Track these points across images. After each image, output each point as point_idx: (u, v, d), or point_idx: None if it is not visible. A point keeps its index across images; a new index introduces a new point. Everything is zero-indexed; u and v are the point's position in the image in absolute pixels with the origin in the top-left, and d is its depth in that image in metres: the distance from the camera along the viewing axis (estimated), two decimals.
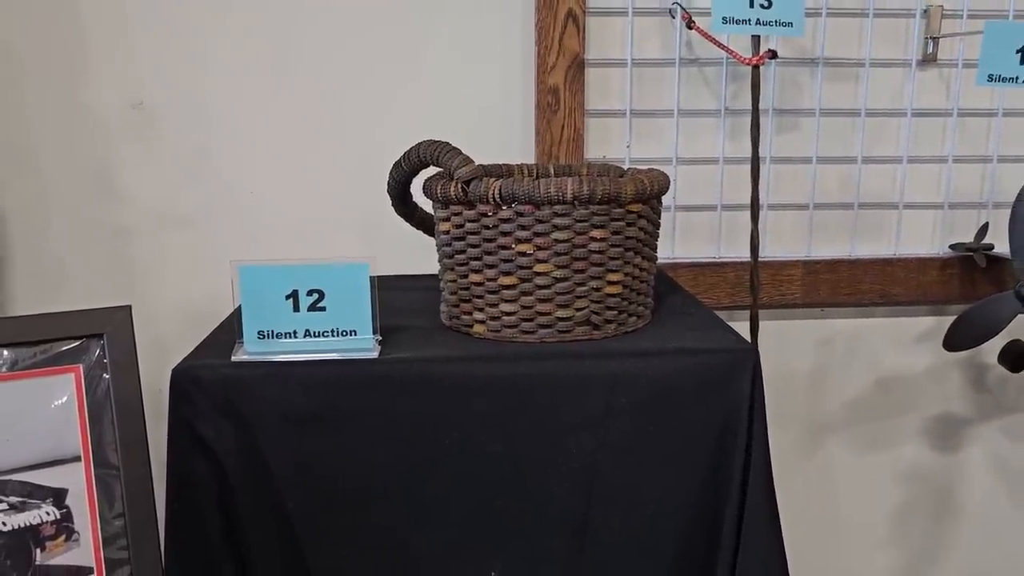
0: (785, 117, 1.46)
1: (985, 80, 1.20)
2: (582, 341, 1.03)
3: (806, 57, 1.44)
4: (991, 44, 1.19)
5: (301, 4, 1.36)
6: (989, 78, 1.20)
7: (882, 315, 1.55)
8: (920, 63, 1.45)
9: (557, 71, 1.38)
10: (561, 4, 1.36)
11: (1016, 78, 1.20)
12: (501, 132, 1.42)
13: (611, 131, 1.44)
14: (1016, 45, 1.19)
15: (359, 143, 1.41)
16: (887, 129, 1.48)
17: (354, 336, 0.99)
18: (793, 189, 1.49)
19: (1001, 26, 1.20)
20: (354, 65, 1.39)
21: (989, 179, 1.51)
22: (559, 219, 0.98)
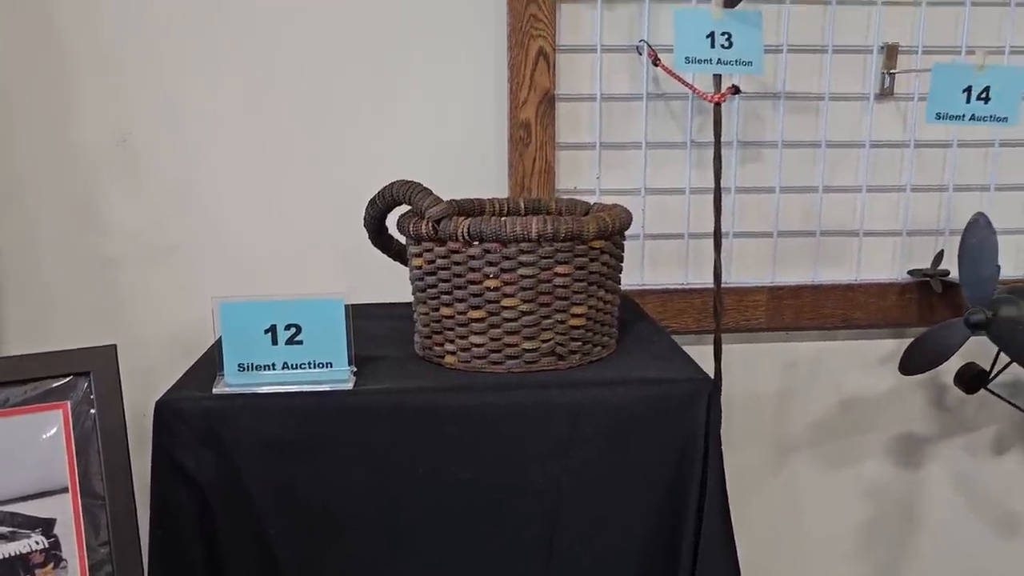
0: (749, 149, 1.52)
1: (934, 118, 1.27)
2: (548, 371, 1.08)
3: (768, 92, 1.50)
4: (939, 84, 1.25)
5: (280, 44, 1.41)
6: (937, 116, 1.27)
7: (844, 338, 1.61)
8: (878, 97, 1.52)
9: (528, 106, 1.43)
10: (532, 42, 1.41)
11: (963, 116, 1.26)
12: (476, 164, 1.47)
13: (582, 163, 1.50)
14: (962, 85, 1.25)
15: (339, 176, 1.45)
16: (847, 160, 1.54)
17: (330, 368, 1.04)
18: (758, 218, 1.55)
19: (948, 67, 1.26)
20: (332, 101, 1.44)
21: (945, 208, 1.57)
22: (525, 256, 1.04)
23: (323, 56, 1.43)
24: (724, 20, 1.30)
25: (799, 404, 1.63)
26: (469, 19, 1.43)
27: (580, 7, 1.45)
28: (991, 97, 1.26)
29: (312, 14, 1.41)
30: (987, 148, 1.55)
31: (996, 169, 1.56)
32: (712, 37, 1.30)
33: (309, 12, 1.41)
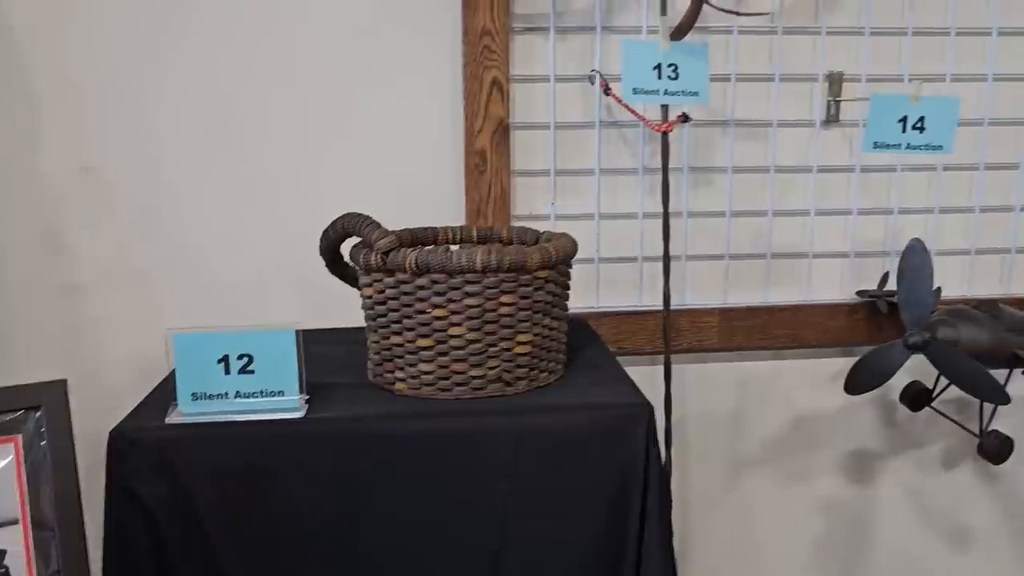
0: (700, 174, 1.56)
1: (871, 147, 1.31)
2: (495, 397, 1.11)
3: (718, 119, 1.55)
4: (876, 114, 1.30)
5: (242, 75, 1.45)
6: (875, 145, 1.31)
7: (796, 357, 1.65)
8: (824, 123, 1.56)
9: (484, 135, 1.47)
10: (486, 73, 1.45)
11: (899, 145, 1.31)
12: (434, 192, 1.51)
13: (537, 189, 1.54)
14: (898, 115, 1.30)
15: (300, 204, 1.48)
16: (795, 184, 1.59)
17: (282, 396, 1.07)
18: (710, 241, 1.59)
19: (884, 98, 1.31)
20: (293, 130, 1.47)
21: (891, 230, 1.62)
22: (470, 286, 1.07)
23: (284, 86, 1.46)
24: (671, 52, 1.33)
25: (753, 422, 1.67)
26: (426, 51, 1.47)
27: (534, 38, 1.49)
28: (926, 127, 1.30)
29: (273, 46, 1.44)
30: (931, 172, 1.60)
31: (939, 192, 1.61)
32: (659, 69, 1.34)
33: (270, 44, 1.44)
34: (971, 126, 1.59)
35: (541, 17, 1.47)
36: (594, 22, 1.49)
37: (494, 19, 1.44)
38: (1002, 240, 1.65)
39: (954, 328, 1.33)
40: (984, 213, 1.63)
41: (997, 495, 1.75)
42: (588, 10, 1.48)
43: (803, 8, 1.53)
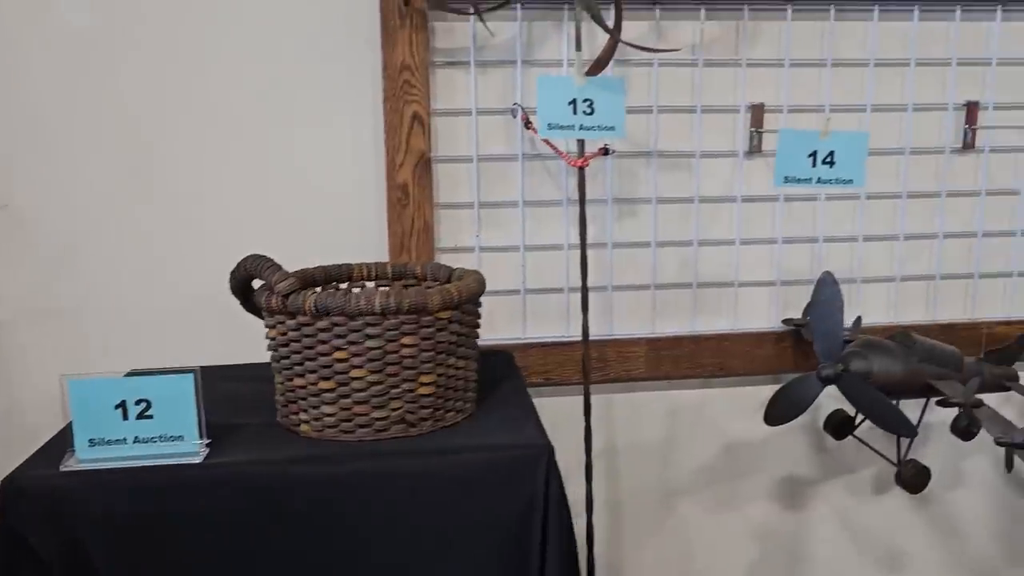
0: (624, 205, 1.57)
1: (782, 182, 1.32)
2: (399, 438, 1.11)
3: (641, 150, 1.55)
4: (786, 149, 1.31)
5: (161, 110, 1.44)
6: (785, 179, 1.32)
7: (725, 385, 1.66)
8: (747, 153, 1.57)
9: (405, 169, 1.47)
10: (407, 108, 1.46)
11: (810, 179, 1.32)
12: (358, 226, 1.51)
13: (462, 221, 1.54)
14: (807, 150, 1.31)
15: (222, 239, 1.48)
16: (720, 214, 1.60)
17: (181, 441, 1.06)
18: (635, 271, 1.59)
19: (793, 133, 1.32)
20: (215, 165, 1.47)
21: (816, 258, 1.63)
22: (371, 328, 1.07)
23: (205, 122, 1.46)
24: (587, 87, 1.34)
25: (683, 450, 1.68)
26: (348, 85, 1.47)
27: (455, 72, 1.49)
28: (836, 161, 1.32)
29: (194, 82, 1.44)
30: (854, 201, 1.62)
31: (863, 220, 1.62)
32: (575, 104, 1.34)
33: (188, 79, 1.44)
34: (893, 155, 1.61)
35: (462, 51, 1.48)
36: (515, 56, 1.49)
37: (414, 54, 1.44)
38: (927, 267, 1.66)
39: (866, 360, 1.34)
40: (908, 240, 1.64)
41: (928, 519, 1.76)
42: (509, 44, 1.49)
43: (724, 41, 1.54)
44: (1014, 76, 1.61)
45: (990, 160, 1.63)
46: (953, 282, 1.68)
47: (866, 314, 1.65)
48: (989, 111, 1.61)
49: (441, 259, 1.54)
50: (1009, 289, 1.69)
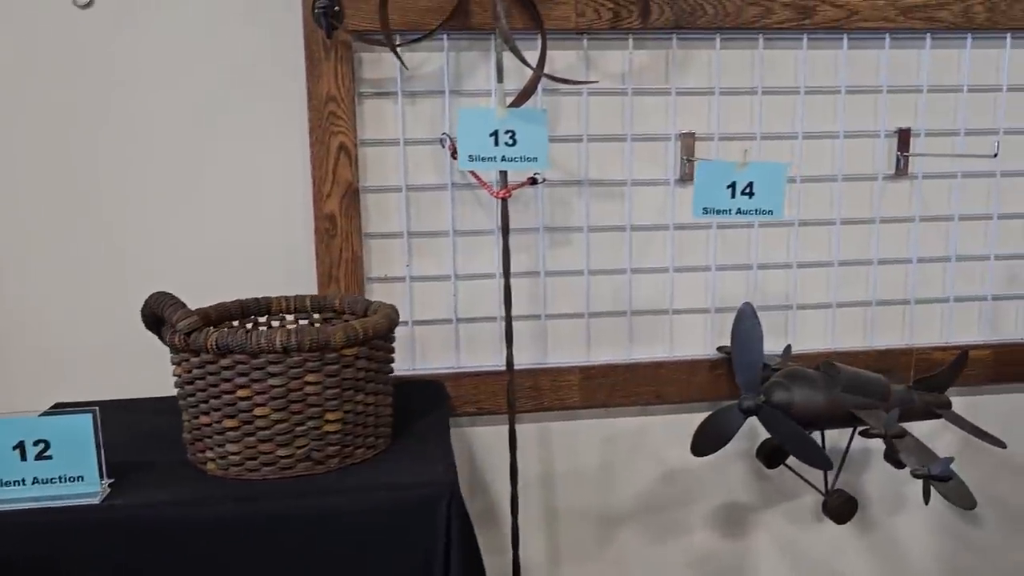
0: (557, 234, 1.57)
1: (701, 213, 1.32)
2: (304, 476, 1.10)
3: (573, 179, 1.55)
4: (703, 181, 1.31)
5: (86, 139, 1.44)
6: (704, 211, 1.32)
7: (662, 412, 1.65)
8: (678, 181, 1.57)
9: (332, 199, 1.47)
10: (333, 139, 1.45)
11: (729, 210, 1.32)
12: (287, 256, 1.50)
13: (393, 251, 1.54)
14: (726, 181, 1.31)
15: (149, 270, 1.48)
16: (654, 242, 1.60)
17: (81, 482, 1.06)
18: (570, 299, 1.59)
19: (711, 165, 1.32)
20: (142, 199, 1.47)
21: (752, 285, 1.63)
22: (273, 367, 1.07)
23: (132, 154, 1.45)
24: (509, 119, 1.34)
25: (622, 478, 1.67)
26: (276, 117, 1.47)
27: (383, 102, 1.49)
28: (755, 192, 1.32)
29: (121, 111, 1.44)
30: (788, 228, 1.62)
31: (798, 247, 1.62)
32: (496, 135, 1.34)
33: (115, 108, 1.44)
34: (825, 182, 1.61)
35: (390, 82, 1.48)
36: (443, 86, 1.49)
37: (339, 85, 1.44)
38: (862, 293, 1.66)
39: (788, 391, 1.33)
40: (843, 267, 1.65)
41: (869, 545, 1.76)
42: (437, 74, 1.49)
43: (654, 69, 1.54)
44: (945, 103, 1.62)
45: (923, 186, 1.64)
46: (889, 308, 1.68)
47: (802, 341, 1.66)
48: (921, 138, 1.61)
49: (372, 288, 1.53)
50: (945, 314, 1.69)
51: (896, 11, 1.54)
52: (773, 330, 1.64)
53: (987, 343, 1.70)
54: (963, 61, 1.60)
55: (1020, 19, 1.57)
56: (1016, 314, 1.72)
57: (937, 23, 1.55)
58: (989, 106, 1.63)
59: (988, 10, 1.56)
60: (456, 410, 1.56)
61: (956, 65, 1.61)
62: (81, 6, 1.40)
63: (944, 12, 1.55)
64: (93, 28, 1.42)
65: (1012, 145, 1.65)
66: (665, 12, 1.48)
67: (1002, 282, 1.70)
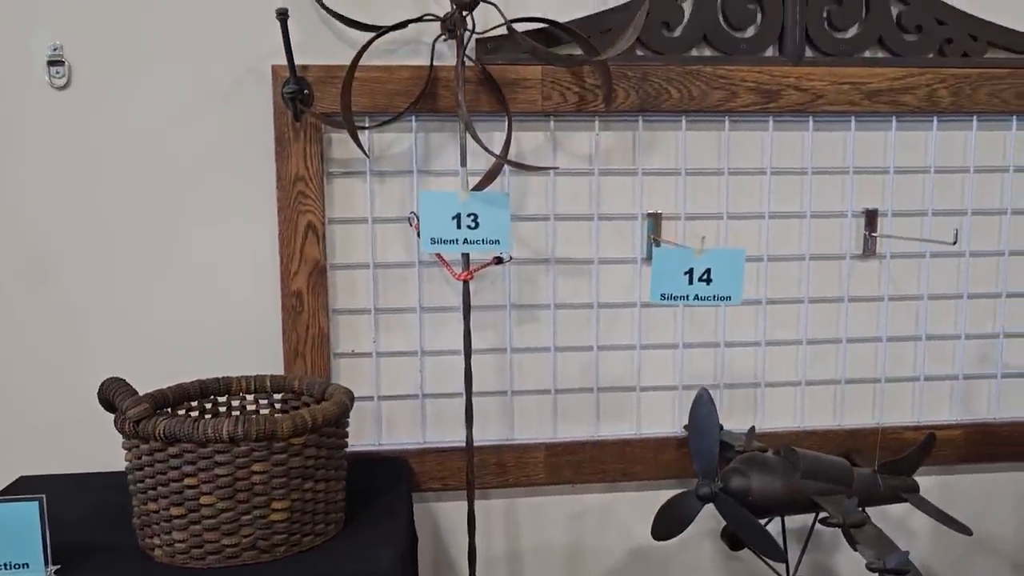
0: (524, 311, 1.58)
1: (658, 298, 1.33)
2: (251, 565, 1.10)
3: (540, 257, 1.57)
4: (661, 266, 1.32)
5: (58, 214, 1.47)
6: (662, 296, 1.33)
7: (630, 489, 1.65)
8: (645, 260, 1.59)
9: (300, 276, 1.49)
10: (301, 217, 1.48)
11: (687, 296, 1.33)
12: (255, 331, 1.52)
13: (360, 326, 1.55)
14: (684, 268, 1.33)
15: (121, 345, 1.49)
16: (621, 319, 1.61)
17: (26, 569, 1.06)
18: (537, 375, 1.60)
19: (668, 252, 1.34)
20: (112, 274, 1.49)
21: (719, 362, 1.63)
22: (220, 456, 1.08)
23: (103, 230, 1.48)
24: (471, 202, 1.36)
25: (590, 555, 1.66)
26: (247, 195, 1.49)
27: (352, 181, 1.52)
28: (713, 278, 1.33)
29: (92, 188, 1.47)
30: (756, 306, 1.62)
31: (766, 325, 1.63)
32: (459, 218, 1.36)
33: (89, 186, 1.47)
34: (794, 261, 1.62)
35: (358, 161, 1.50)
36: (411, 166, 1.52)
37: (308, 165, 1.47)
38: (832, 372, 1.66)
39: (746, 477, 1.33)
40: (812, 345, 1.65)
41: None
42: (406, 155, 1.52)
43: (621, 150, 1.56)
44: (912, 184, 1.63)
45: (892, 265, 1.64)
46: (859, 387, 1.68)
47: (771, 419, 1.65)
48: (888, 218, 1.63)
49: (338, 363, 1.55)
50: (916, 393, 1.69)
51: (861, 95, 1.56)
52: (741, 408, 1.65)
53: (959, 423, 1.69)
54: (929, 143, 1.62)
55: (985, 103, 1.59)
56: (988, 393, 1.71)
57: (902, 107, 1.57)
58: (956, 187, 1.65)
59: (953, 94, 1.57)
60: (421, 486, 1.56)
61: (923, 147, 1.62)
62: (58, 88, 1.44)
63: (909, 96, 1.57)
64: (69, 108, 1.45)
65: (980, 225, 1.65)
66: (631, 96, 1.51)
67: (973, 361, 1.70)
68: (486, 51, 1.47)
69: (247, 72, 1.46)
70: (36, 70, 1.44)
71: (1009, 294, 1.68)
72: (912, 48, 1.57)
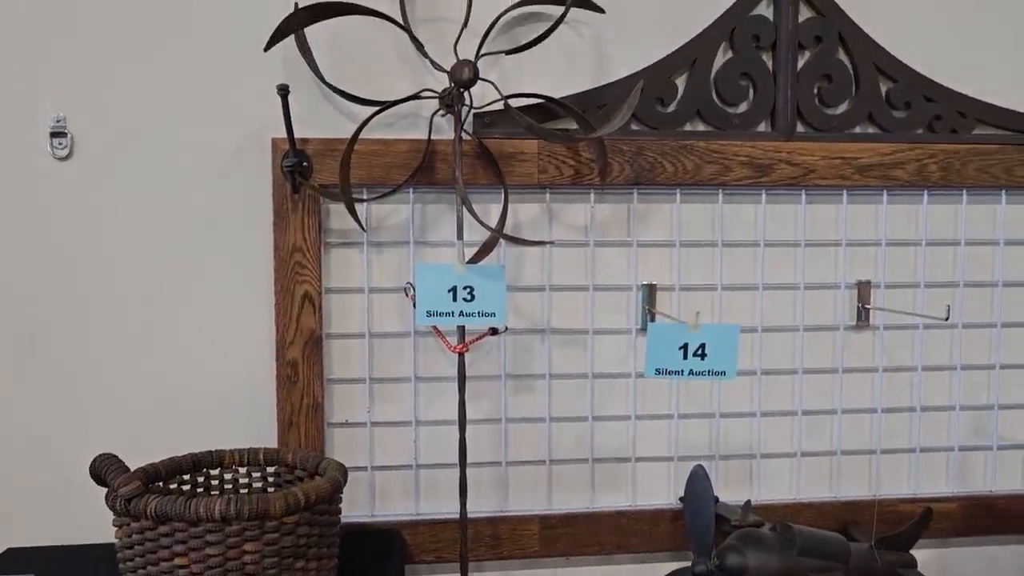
0: (519, 380, 1.58)
1: (653, 373, 1.33)
2: None
3: (536, 327, 1.57)
4: (655, 342, 1.33)
5: (53, 282, 1.47)
6: (657, 371, 1.33)
7: (625, 562, 1.63)
8: (640, 330, 1.59)
9: (295, 346, 1.49)
10: (297, 288, 1.48)
11: (682, 371, 1.33)
12: (249, 401, 1.51)
13: (355, 396, 1.55)
14: (678, 343, 1.33)
15: (111, 414, 1.49)
16: (616, 389, 1.61)
17: None
18: (532, 446, 1.59)
19: (663, 327, 1.34)
20: (105, 341, 1.49)
21: (715, 433, 1.63)
22: (211, 535, 1.07)
23: (98, 296, 1.48)
24: (467, 275, 1.37)
25: None
26: (244, 265, 1.50)
27: (350, 251, 1.53)
28: (707, 353, 1.33)
29: (89, 255, 1.48)
30: (751, 376, 1.63)
31: (762, 397, 1.63)
32: (454, 291, 1.37)
33: (86, 254, 1.48)
34: (788, 332, 1.63)
35: (356, 232, 1.51)
36: (408, 237, 1.53)
37: (305, 236, 1.48)
38: (827, 443, 1.66)
39: (742, 555, 1.32)
40: (807, 416, 1.65)
41: None
42: (403, 225, 1.53)
43: (616, 222, 1.58)
44: (904, 256, 1.65)
45: (886, 336, 1.65)
46: (855, 458, 1.67)
47: (766, 491, 1.65)
48: (881, 289, 1.64)
49: (332, 433, 1.54)
50: (912, 465, 1.68)
51: (852, 170, 1.58)
52: (737, 479, 1.64)
53: (955, 495, 1.68)
54: (920, 216, 1.64)
55: (974, 178, 1.61)
56: (984, 465, 1.71)
57: (893, 181, 1.59)
58: (948, 259, 1.66)
59: (942, 169, 1.60)
60: (414, 559, 1.55)
61: (914, 220, 1.64)
62: (60, 158, 1.45)
63: (899, 171, 1.59)
64: (70, 178, 1.47)
65: (973, 297, 1.67)
66: (625, 170, 1.53)
67: (969, 433, 1.70)
68: (483, 125, 1.50)
69: (247, 144, 1.48)
70: (39, 141, 1.45)
71: (1003, 365, 1.68)
72: (901, 124, 1.60)
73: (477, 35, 1.45)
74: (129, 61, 1.46)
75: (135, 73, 1.46)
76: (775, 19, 1.57)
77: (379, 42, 1.49)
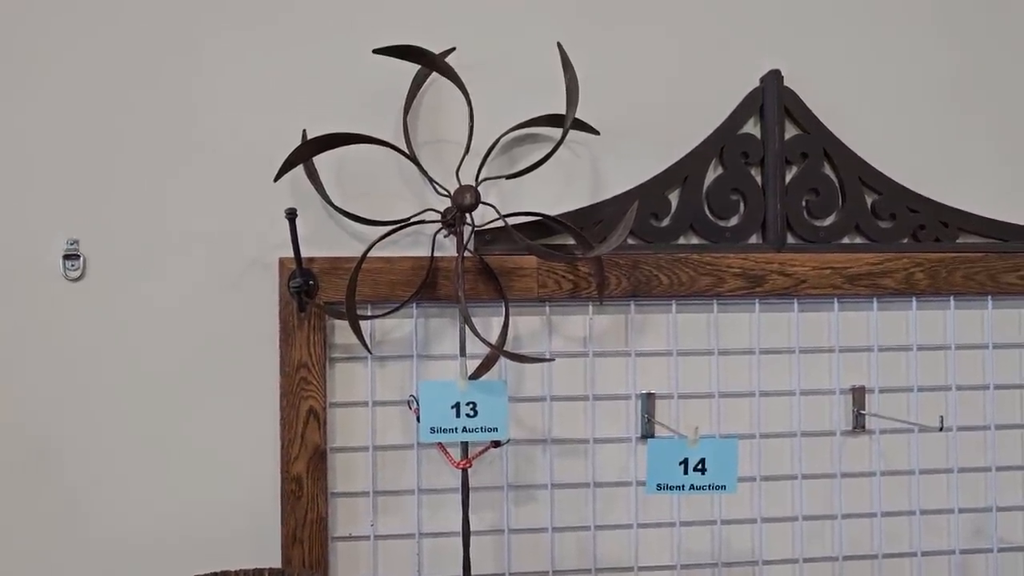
0: (521, 491, 1.60)
1: (655, 490, 1.35)
2: None
3: (537, 438, 1.60)
4: (655, 458, 1.35)
5: (55, 398, 1.49)
6: (658, 487, 1.35)
7: None
8: (640, 439, 1.61)
9: (300, 461, 1.51)
10: (303, 403, 1.51)
11: (682, 486, 1.36)
12: (253, 516, 1.52)
13: (358, 509, 1.56)
14: (678, 458, 1.35)
15: (115, 531, 1.50)
16: (617, 498, 1.62)
17: None
18: (535, 556, 1.60)
19: (662, 443, 1.37)
20: (107, 455, 1.50)
21: (717, 540, 1.64)
22: None
23: (101, 412, 1.50)
24: (469, 391, 1.40)
25: None
26: (250, 380, 1.52)
27: (354, 365, 1.56)
28: (707, 468, 1.35)
29: (88, 375, 1.50)
30: (751, 483, 1.64)
31: (763, 503, 1.64)
32: (457, 407, 1.40)
33: (93, 374, 1.50)
34: (785, 438, 1.65)
35: (360, 347, 1.54)
36: (411, 351, 1.56)
37: (311, 352, 1.51)
38: (828, 548, 1.67)
39: None
40: (807, 521, 1.66)
41: None
42: (407, 340, 1.57)
43: (614, 333, 1.62)
44: (896, 361, 1.68)
45: (882, 441, 1.68)
46: (857, 563, 1.68)
47: None
48: (876, 394, 1.67)
49: (336, 547, 1.55)
50: (914, 569, 1.69)
51: (843, 279, 1.63)
52: None
53: None
54: (910, 323, 1.68)
55: (960, 285, 1.66)
56: (985, 568, 1.71)
57: (882, 289, 1.64)
58: (939, 363, 1.70)
59: (929, 277, 1.65)
60: None
61: (904, 326, 1.68)
62: (72, 280, 1.49)
63: (888, 280, 1.64)
64: (81, 299, 1.50)
65: (965, 400, 1.70)
66: (622, 282, 1.57)
67: (969, 535, 1.71)
68: (484, 242, 1.55)
69: (254, 264, 1.53)
70: (52, 263, 1.49)
71: (998, 467, 1.70)
72: (887, 234, 1.65)
73: (478, 155, 1.50)
74: (141, 186, 1.51)
75: (147, 197, 1.51)
76: (762, 136, 1.63)
77: (383, 166, 1.54)
